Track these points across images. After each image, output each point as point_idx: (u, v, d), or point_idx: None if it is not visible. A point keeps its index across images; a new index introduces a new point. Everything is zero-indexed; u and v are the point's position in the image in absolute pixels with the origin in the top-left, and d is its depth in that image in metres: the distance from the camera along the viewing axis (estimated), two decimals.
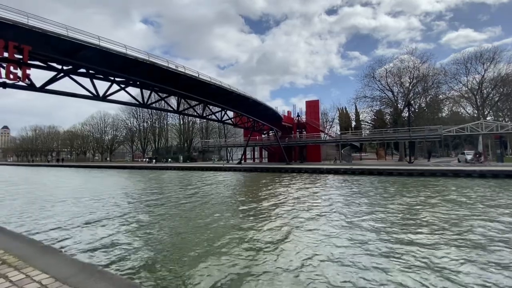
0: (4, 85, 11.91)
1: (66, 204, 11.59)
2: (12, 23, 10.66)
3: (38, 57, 12.56)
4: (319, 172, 26.00)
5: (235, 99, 25.05)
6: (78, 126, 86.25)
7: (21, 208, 10.80)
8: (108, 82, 16.59)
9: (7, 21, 10.58)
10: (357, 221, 7.87)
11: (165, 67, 17.49)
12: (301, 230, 7.22)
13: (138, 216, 9.22)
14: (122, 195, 14.19)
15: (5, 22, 10.52)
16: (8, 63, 10.68)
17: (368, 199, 11.69)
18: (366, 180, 19.28)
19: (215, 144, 50.17)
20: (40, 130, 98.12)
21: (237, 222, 8.24)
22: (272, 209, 10.11)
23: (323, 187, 16.41)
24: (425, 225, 7.37)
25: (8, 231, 5.61)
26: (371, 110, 43.78)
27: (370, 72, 40.83)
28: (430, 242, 6.00)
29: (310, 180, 20.30)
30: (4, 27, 10.55)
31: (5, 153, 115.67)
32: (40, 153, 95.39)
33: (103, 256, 5.54)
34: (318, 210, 9.58)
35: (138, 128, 68.83)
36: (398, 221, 7.85)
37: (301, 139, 40.95)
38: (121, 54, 14.65)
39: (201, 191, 15.82)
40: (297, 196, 13.06)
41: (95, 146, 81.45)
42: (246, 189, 16.88)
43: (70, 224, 8.16)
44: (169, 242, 6.50)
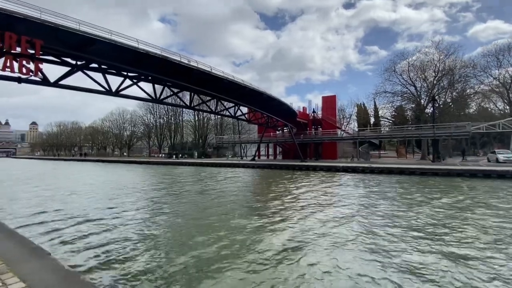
0: (19, 80, 12.04)
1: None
2: (23, 17, 10.65)
3: (50, 52, 12.61)
4: (335, 170, 24.99)
5: (248, 94, 24.48)
6: (98, 122, 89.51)
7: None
8: (120, 77, 16.55)
9: (19, 15, 10.58)
10: (379, 228, 7.06)
11: (177, 61, 17.20)
12: (315, 234, 6.57)
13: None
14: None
15: (17, 17, 10.52)
16: (20, 58, 10.70)
17: (389, 201, 10.74)
18: (386, 180, 18.15)
19: (229, 140, 50.01)
20: (64, 126, 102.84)
21: (244, 224, 7.72)
22: (281, 210, 9.48)
23: (339, 186, 15.54)
24: (464, 237, 6.31)
25: (8, 229, 5.42)
26: (392, 106, 41.60)
27: (391, 66, 38.75)
28: (475, 265, 4.85)
29: (325, 179, 19.44)
30: (17, 21, 10.57)
31: (33, 148, 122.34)
32: (64, 148, 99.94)
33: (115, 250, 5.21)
34: (333, 213, 8.84)
35: (155, 124, 70.12)
36: (428, 229, 6.91)
37: (317, 136, 39.80)
38: (132, 47, 14.46)
39: (209, 187, 15.48)
40: (310, 196, 12.35)
41: (115, 142, 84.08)
42: (255, 188, 16.34)
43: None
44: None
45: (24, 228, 7.22)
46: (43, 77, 12.52)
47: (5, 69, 10.29)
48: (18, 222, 7.84)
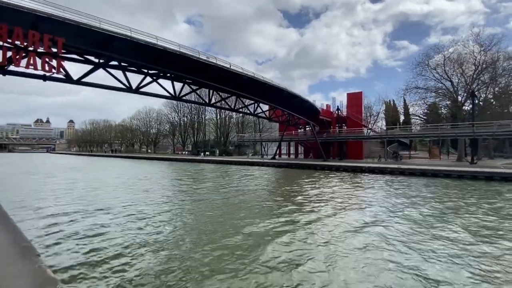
0: (44, 78, 12.48)
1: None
2: (47, 16, 10.94)
3: (72, 50, 12.91)
4: (360, 171, 23.54)
5: (268, 91, 23.82)
6: (127, 120, 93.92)
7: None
8: (141, 74, 16.72)
9: (43, 14, 10.88)
10: (419, 243, 5.95)
11: (195, 57, 17.02)
12: (318, 247, 5.80)
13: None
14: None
15: (41, 15, 10.81)
16: (43, 55, 11.02)
17: (425, 208, 9.39)
18: (418, 183, 16.58)
19: (250, 139, 49.69)
20: (96, 124, 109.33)
21: (256, 229, 7.14)
22: (290, 212, 8.76)
23: (364, 189, 14.37)
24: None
25: (10, 223, 5.33)
26: (424, 103, 38.50)
27: (423, 59, 35.86)
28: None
29: (347, 180, 18.26)
30: (40, 20, 10.87)
31: (70, 144, 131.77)
32: (96, 144, 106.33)
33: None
34: (350, 221, 7.84)
35: (179, 122, 71.92)
36: (479, 247, 5.76)
37: (341, 134, 38.10)
38: (150, 44, 14.46)
39: (220, 186, 15.11)
40: (331, 199, 11.46)
41: (142, 139, 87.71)
42: (270, 187, 15.64)
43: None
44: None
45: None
46: (66, 75, 12.86)
47: (29, 67, 10.64)
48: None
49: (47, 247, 5.85)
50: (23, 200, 10.72)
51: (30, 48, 10.74)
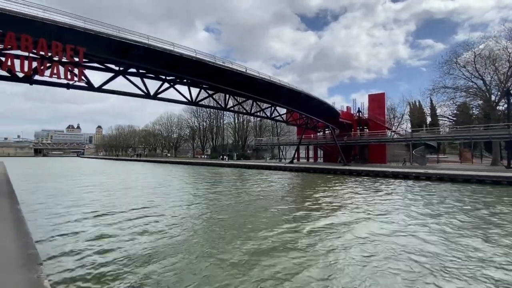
0: (68, 86, 13.06)
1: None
2: (68, 27, 11.46)
3: (93, 59, 13.42)
4: (383, 175, 22.37)
5: (285, 94, 23.45)
6: (150, 126, 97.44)
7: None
8: (158, 80, 17.08)
9: (64, 25, 11.41)
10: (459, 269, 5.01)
11: (211, 62, 17.11)
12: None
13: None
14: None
15: (63, 27, 11.34)
16: (66, 65, 11.52)
17: (461, 222, 8.24)
18: (449, 189, 15.34)
19: (267, 142, 49.37)
20: (121, 129, 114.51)
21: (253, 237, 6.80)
22: (302, 223, 8.22)
23: (388, 196, 13.48)
24: None
25: (24, 229, 5.42)
26: (453, 103, 36.06)
27: (451, 57, 33.66)
28: None
29: (369, 186, 17.33)
30: (63, 31, 11.39)
31: (97, 148, 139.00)
32: (121, 149, 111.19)
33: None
34: (367, 234, 7.06)
35: (198, 127, 73.33)
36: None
37: (362, 138, 36.68)
38: (167, 51, 14.71)
39: (227, 195, 14.88)
40: (348, 206, 10.82)
41: (163, 144, 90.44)
42: (284, 194, 15.15)
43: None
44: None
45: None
46: (87, 83, 13.38)
47: (52, 76, 11.14)
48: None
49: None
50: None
51: (54, 58, 11.26)
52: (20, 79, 11.68)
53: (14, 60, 10.28)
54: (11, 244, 4.43)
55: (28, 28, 10.39)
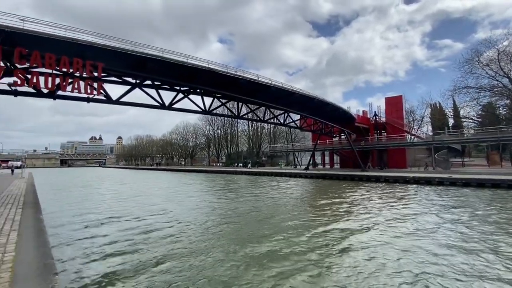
0: (88, 100, 13.67)
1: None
2: (88, 44, 12.08)
3: (111, 73, 14.03)
4: (403, 181, 21.45)
5: (298, 100, 23.30)
6: (167, 135, 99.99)
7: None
8: (173, 91, 17.51)
9: (85, 42, 12.04)
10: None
11: (223, 72, 17.37)
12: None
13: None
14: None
15: (83, 44, 11.97)
16: (86, 79, 12.11)
17: (495, 235, 7.39)
18: (477, 195, 14.41)
19: (282, 149, 49.05)
20: (140, 139, 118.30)
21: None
22: (314, 236, 7.95)
23: (409, 204, 12.87)
24: None
25: (43, 239, 5.62)
26: (477, 104, 34.37)
27: (472, 56, 32.21)
28: None
29: (389, 192, 16.64)
30: (83, 48, 12.03)
31: (118, 158, 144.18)
32: (140, 158, 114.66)
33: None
34: (405, 257, 6.00)
35: (213, 135, 74.37)
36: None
37: (380, 142, 35.54)
38: (180, 63, 15.11)
39: (234, 205, 14.74)
40: (367, 214, 10.39)
41: (180, 152, 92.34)
42: (297, 203, 14.82)
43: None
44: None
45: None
46: (106, 96, 13.96)
47: (74, 91, 11.72)
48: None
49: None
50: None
51: (75, 74, 11.88)
52: (44, 94, 12.38)
53: (39, 77, 10.92)
54: (30, 253, 4.59)
55: (51, 47, 11.06)
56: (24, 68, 10.86)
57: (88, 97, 13.37)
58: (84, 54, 12.03)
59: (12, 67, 10.73)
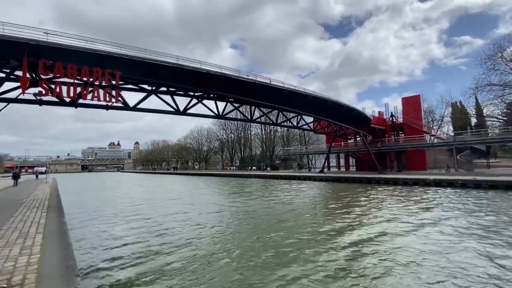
0: (107, 107, 14.21)
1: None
2: (106, 54, 12.59)
3: (128, 81, 14.54)
4: (423, 184, 20.65)
5: (311, 102, 23.10)
6: (182, 140, 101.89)
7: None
8: (187, 97, 17.86)
9: (104, 52, 12.57)
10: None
11: (235, 76, 17.55)
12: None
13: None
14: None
15: (102, 54, 12.50)
16: (105, 88, 12.60)
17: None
18: (507, 199, 13.61)
19: (295, 152, 48.65)
20: (156, 144, 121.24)
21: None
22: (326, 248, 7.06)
23: (428, 207, 12.37)
24: None
25: (66, 242, 5.85)
26: (502, 101, 32.53)
27: (495, 52, 30.62)
28: None
29: (409, 196, 16.05)
30: (102, 58, 12.55)
31: (135, 163, 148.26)
32: (156, 162, 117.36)
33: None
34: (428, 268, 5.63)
35: (227, 139, 74.99)
36: None
37: (398, 143, 34.48)
38: (194, 69, 15.41)
39: (245, 209, 14.66)
40: (386, 220, 10.06)
41: (195, 157, 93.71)
42: (310, 209, 14.55)
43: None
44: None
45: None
46: (123, 103, 14.46)
47: (94, 99, 12.24)
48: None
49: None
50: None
51: (95, 82, 12.40)
52: (67, 103, 13.00)
53: (61, 87, 11.49)
54: (53, 255, 4.78)
55: (73, 58, 11.62)
56: (48, 78, 11.47)
57: (107, 105, 13.88)
58: (103, 64, 12.54)
59: (37, 78, 11.36)
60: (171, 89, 16.74)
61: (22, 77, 10.66)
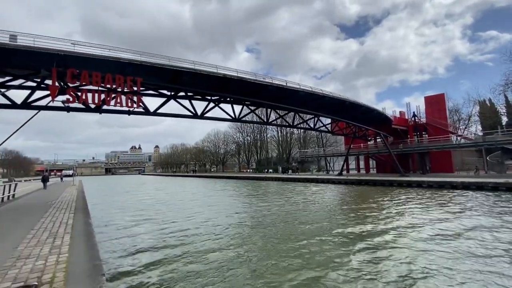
0: (129, 113, 14.79)
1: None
2: (128, 62, 13.11)
3: (149, 86, 15.04)
4: (450, 187, 19.59)
5: (328, 103, 22.72)
6: (199, 143, 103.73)
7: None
8: (204, 101, 18.17)
9: (126, 60, 13.09)
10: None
11: (252, 80, 17.64)
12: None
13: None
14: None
15: (125, 62, 13.03)
16: (127, 94, 13.12)
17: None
18: None
19: (313, 154, 47.94)
20: (175, 147, 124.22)
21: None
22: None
23: (459, 213, 11.67)
24: None
25: (93, 242, 6.10)
26: None
27: None
28: None
29: (435, 200, 15.26)
30: (124, 65, 13.09)
31: (155, 166, 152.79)
32: (175, 165, 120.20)
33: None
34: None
35: (243, 141, 75.43)
36: None
37: (421, 144, 33.00)
38: (211, 73, 15.66)
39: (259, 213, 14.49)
40: (408, 227, 9.59)
41: (212, 159, 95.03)
42: (326, 215, 14.18)
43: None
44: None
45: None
46: (144, 108, 14.97)
47: (116, 105, 12.78)
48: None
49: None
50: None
51: (118, 89, 12.94)
52: (92, 109, 13.69)
53: (87, 94, 12.10)
54: (80, 255, 5.00)
55: (97, 66, 12.22)
56: (74, 86, 12.11)
57: (129, 110, 14.45)
58: (125, 71, 13.08)
59: (65, 86, 12.03)
60: (189, 93, 17.11)
61: (51, 85, 11.33)
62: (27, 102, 12.63)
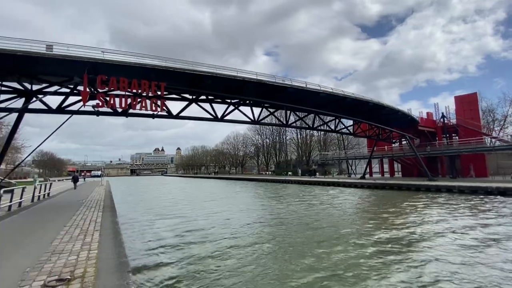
0: (153, 116, 15.36)
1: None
2: (152, 67, 13.66)
3: (172, 91, 15.55)
4: (484, 192, 18.25)
5: (350, 105, 22.14)
6: (219, 145, 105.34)
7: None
8: (224, 104, 18.46)
9: (151, 66, 13.67)
10: None
11: (271, 82, 17.66)
12: None
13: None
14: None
15: (150, 68, 13.60)
16: (152, 98, 13.67)
17: None
18: None
19: (333, 157, 46.86)
20: (196, 150, 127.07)
21: None
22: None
23: (493, 221, 10.83)
24: None
25: (119, 240, 6.38)
26: None
27: None
28: None
29: (467, 207, 14.28)
30: (149, 71, 13.66)
31: (177, 167, 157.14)
32: (196, 167, 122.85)
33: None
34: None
35: (262, 144, 75.50)
36: None
37: (451, 147, 31.10)
38: (231, 77, 15.91)
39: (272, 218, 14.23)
40: (439, 237, 9.04)
41: (231, 161, 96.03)
42: (345, 223, 13.63)
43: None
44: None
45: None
46: (167, 112, 15.50)
47: (142, 109, 13.35)
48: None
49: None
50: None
51: (143, 94, 13.53)
52: (119, 113, 14.40)
53: (115, 99, 12.76)
54: (109, 251, 5.24)
55: (124, 72, 12.85)
56: (103, 91, 12.81)
57: (153, 114, 15.02)
58: (149, 76, 13.63)
59: (95, 92, 12.76)
60: (209, 97, 17.48)
61: (83, 91, 12.09)
62: (61, 107, 13.56)
